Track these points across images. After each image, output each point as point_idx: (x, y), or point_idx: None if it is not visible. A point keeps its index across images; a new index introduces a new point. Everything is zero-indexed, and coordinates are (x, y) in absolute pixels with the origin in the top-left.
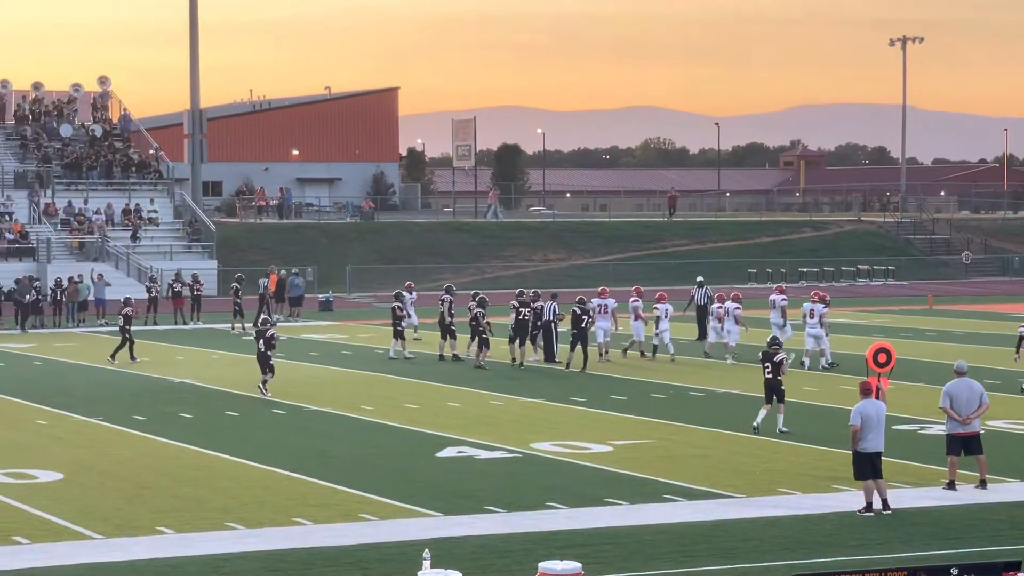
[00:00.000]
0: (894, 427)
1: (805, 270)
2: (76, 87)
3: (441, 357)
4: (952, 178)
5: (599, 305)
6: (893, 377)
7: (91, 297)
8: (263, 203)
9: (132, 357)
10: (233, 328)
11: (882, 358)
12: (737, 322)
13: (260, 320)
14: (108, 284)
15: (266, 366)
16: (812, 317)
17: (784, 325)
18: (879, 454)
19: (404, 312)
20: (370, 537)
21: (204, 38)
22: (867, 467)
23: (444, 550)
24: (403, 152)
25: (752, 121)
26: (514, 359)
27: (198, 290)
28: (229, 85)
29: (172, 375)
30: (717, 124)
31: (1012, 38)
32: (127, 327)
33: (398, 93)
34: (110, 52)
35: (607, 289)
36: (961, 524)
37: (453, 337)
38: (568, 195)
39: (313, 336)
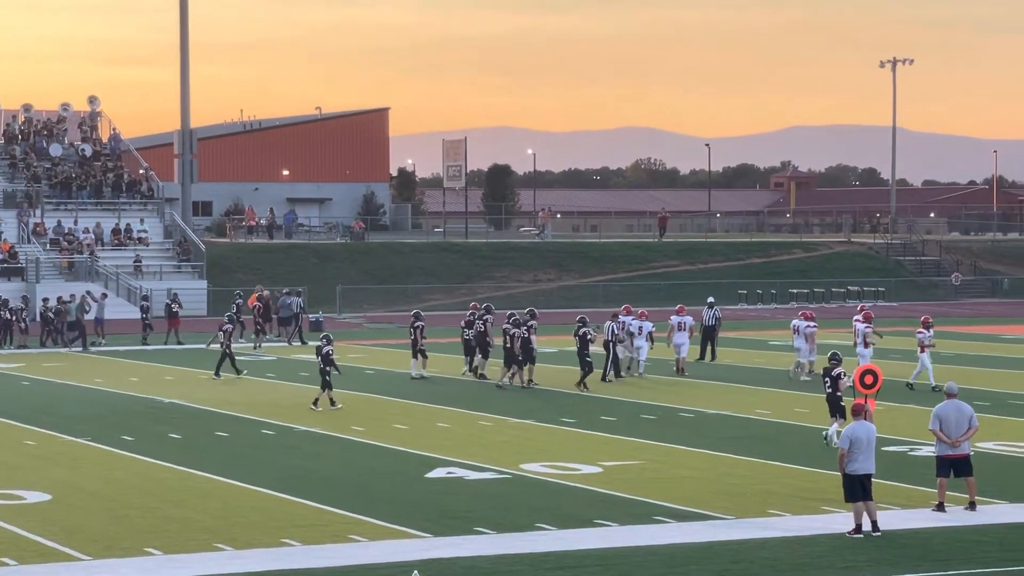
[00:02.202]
0: (884, 448)
1: (795, 291)
2: (65, 106)
3: (479, 374)
4: (942, 200)
5: (678, 322)
6: (882, 398)
7: (89, 317)
8: (253, 223)
9: (216, 373)
10: (257, 348)
11: (868, 380)
12: (808, 340)
13: (320, 336)
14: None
15: (323, 382)
16: (856, 336)
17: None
18: (869, 476)
19: (425, 335)
20: (359, 558)
21: (195, 58)
22: (857, 489)
23: (433, 571)
24: (393, 172)
25: (743, 142)
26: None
27: (261, 310)
28: (220, 105)
29: (161, 395)
30: (708, 145)
31: (1001, 60)
32: (224, 342)
33: (388, 113)
34: (100, 71)
35: (685, 307)
36: (951, 546)
37: (485, 356)
38: (559, 216)
39: (303, 356)
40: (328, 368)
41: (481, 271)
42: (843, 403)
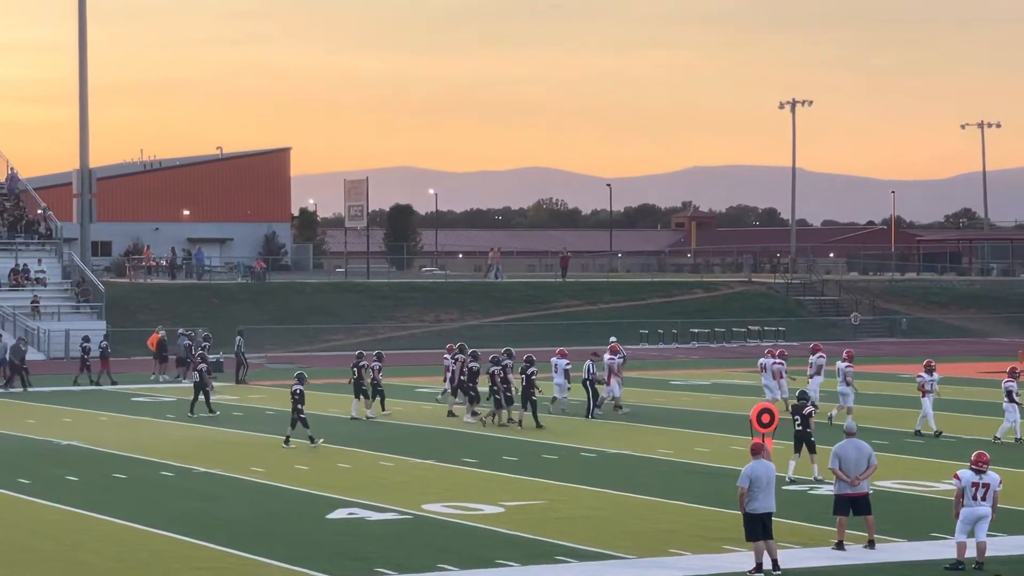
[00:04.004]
0: (783, 487)
1: (697, 331)
2: None
3: (450, 414)
4: (841, 240)
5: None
6: (780, 438)
7: None
8: (152, 263)
9: (191, 410)
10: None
11: (766, 418)
12: (776, 376)
13: (294, 375)
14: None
15: (303, 421)
16: (839, 375)
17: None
18: (770, 514)
19: (363, 373)
20: None
21: (94, 97)
22: (758, 528)
23: None
24: (295, 212)
25: (644, 182)
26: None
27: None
28: (119, 144)
29: (58, 437)
30: (609, 185)
31: (898, 103)
32: (202, 381)
33: (290, 153)
34: None
35: (617, 345)
36: None
37: (465, 393)
38: (460, 255)
39: (202, 397)
40: (300, 407)
41: (383, 311)
42: (813, 439)
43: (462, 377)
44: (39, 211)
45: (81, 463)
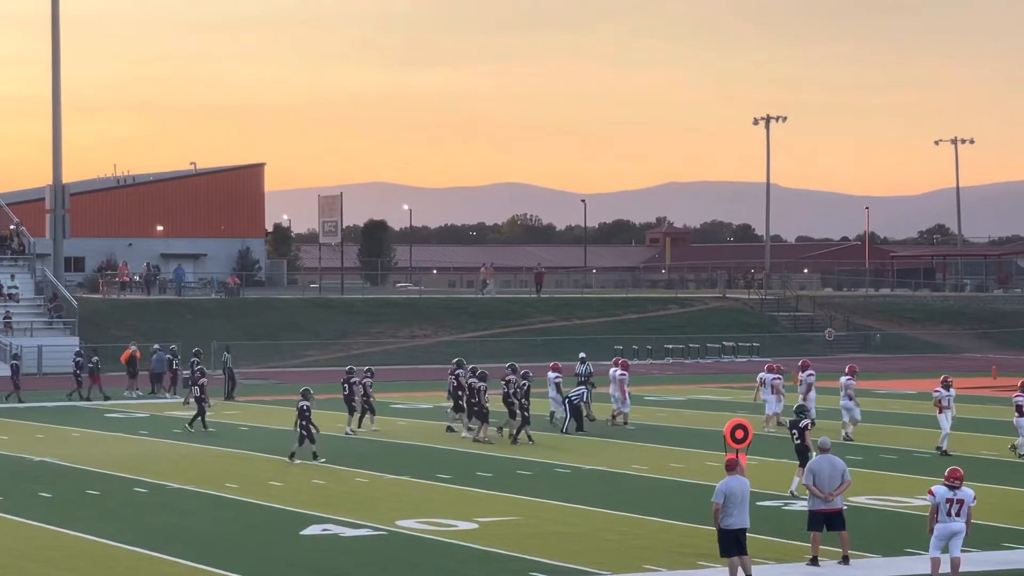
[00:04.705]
0: (758, 503)
1: (671, 346)
2: None
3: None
4: (815, 256)
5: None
6: (754, 453)
7: None
8: (126, 279)
9: (191, 425)
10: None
11: (739, 434)
12: (774, 391)
13: (300, 391)
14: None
15: (300, 437)
16: (842, 390)
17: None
18: (744, 530)
19: (353, 390)
20: None
21: (67, 112)
22: (732, 544)
23: None
24: (269, 228)
25: (618, 198)
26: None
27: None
28: (93, 160)
29: (31, 453)
30: (583, 201)
31: (871, 118)
32: (203, 396)
33: (264, 169)
34: None
35: (626, 361)
36: None
37: (456, 411)
38: (435, 271)
39: (177, 413)
40: (305, 423)
41: (357, 327)
42: (809, 454)
43: (459, 392)
44: (12, 226)
45: (54, 479)
